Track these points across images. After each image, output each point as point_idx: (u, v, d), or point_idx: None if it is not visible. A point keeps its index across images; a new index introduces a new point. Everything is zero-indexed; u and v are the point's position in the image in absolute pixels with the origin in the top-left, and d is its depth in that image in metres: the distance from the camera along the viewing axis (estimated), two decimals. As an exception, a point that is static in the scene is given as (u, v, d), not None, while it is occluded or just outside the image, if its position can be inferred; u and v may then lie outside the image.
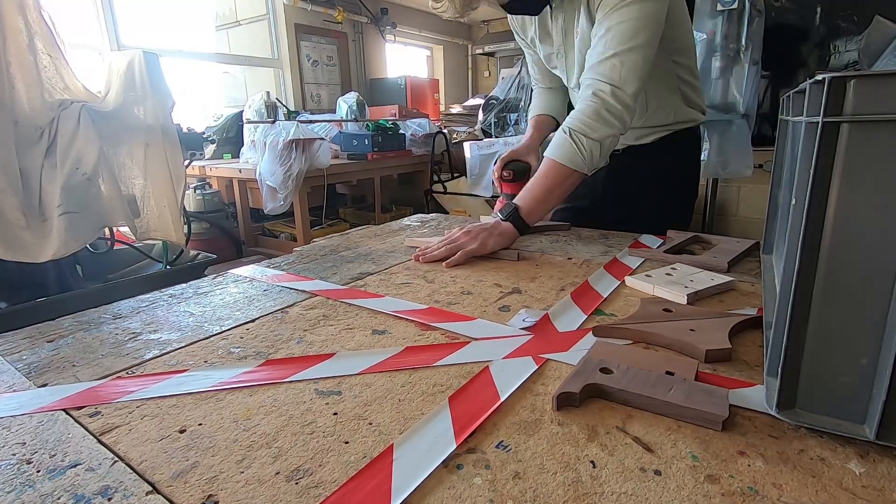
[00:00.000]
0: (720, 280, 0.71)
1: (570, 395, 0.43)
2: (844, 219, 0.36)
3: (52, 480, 0.36)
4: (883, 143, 0.34)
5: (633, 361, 0.49)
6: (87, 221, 1.51)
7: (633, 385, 0.44)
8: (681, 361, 0.50)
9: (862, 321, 0.37)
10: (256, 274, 0.84)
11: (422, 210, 3.34)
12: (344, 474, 0.36)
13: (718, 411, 0.41)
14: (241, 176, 3.21)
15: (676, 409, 0.42)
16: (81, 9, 3.15)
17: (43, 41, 1.42)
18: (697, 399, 0.42)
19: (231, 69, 4.45)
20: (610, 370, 0.46)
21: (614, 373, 0.46)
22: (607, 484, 0.35)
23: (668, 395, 0.43)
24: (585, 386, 0.44)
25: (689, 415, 0.42)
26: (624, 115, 0.90)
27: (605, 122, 0.89)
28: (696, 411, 0.41)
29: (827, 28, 2.53)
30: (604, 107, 0.89)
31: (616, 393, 0.44)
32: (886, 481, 0.35)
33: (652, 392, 0.43)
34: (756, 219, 2.91)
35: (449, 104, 5.72)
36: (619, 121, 0.90)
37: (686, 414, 0.42)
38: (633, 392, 0.44)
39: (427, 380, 0.49)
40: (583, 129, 0.90)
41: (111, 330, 0.63)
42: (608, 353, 0.51)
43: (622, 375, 0.46)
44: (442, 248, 0.88)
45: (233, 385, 0.49)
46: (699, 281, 0.71)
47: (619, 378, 0.45)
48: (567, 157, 0.90)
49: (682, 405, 0.42)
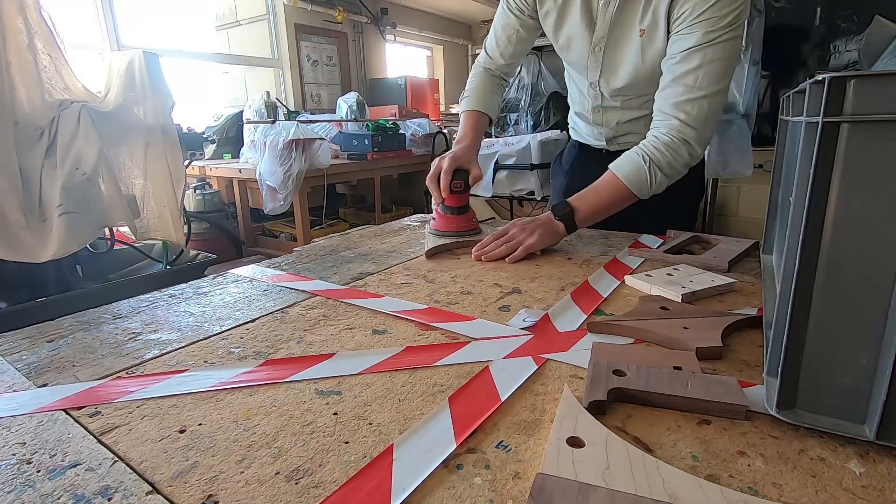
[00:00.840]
0: (721, 281, 0.71)
1: (601, 403, 0.43)
2: (844, 219, 0.36)
3: (52, 480, 0.36)
4: (883, 143, 0.34)
5: (638, 360, 0.49)
6: (87, 221, 1.51)
7: (652, 385, 0.44)
8: (683, 356, 0.50)
9: (862, 321, 0.37)
10: (256, 274, 0.84)
11: (422, 210, 3.34)
12: (344, 474, 0.36)
13: (741, 401, 0.41)
14: (241, 176, 3.21)
15: (700, 404, 0.42)
16: (81, 9, 3.15)
17: (43, 41, 1.42)
18: (717, 392, 0.43)
19: (231, 69, 4.45)
20: (623, 372, 0.46)
21: (627, 374, 0.46)
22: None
23: (688, 391, 0.43)
24: (610, 391, 0.44)
25: (714, 409, 0.42)
26: (693, 163, 0.93)
27: (681, 164, 0.91)
28: (720, 404, 0.42)
29: (827, 28, 2.53)
30: (687, 150, 0.90)
31: (639, 395, 0.44)
32: (886, 481, 0.35)
33: (673, 390, 0.43)
34: (756, 219, 2.91)
35: (449, 104, 5.72)
36: (688, 167, 0.93)
37: (711, 408, 0.42)
38: (656, 392, 0.43)
39: (427, 380, 0.49)
40: (661, 163, 0.90)
41: (111, 330, 0.63)
42: (611, 353, 0.51)
43: (637, 376, 0.45)
44: (501, 247, 0.89)
45: (233, 385, 0.49)
46: (699, 281, 0.71)
47: (636, 379, 0.45)
48: (637, 184, 0.91)
49: (705, 399, 0.42)
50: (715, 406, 0.42)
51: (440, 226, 1.02)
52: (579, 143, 1.32)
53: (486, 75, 1.19)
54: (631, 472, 0.34)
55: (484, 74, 1.19)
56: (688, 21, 0.85)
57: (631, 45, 0.96)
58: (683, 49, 0.86)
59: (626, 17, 0.94)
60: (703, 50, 0.84)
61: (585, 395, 0.44)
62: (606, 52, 1.00)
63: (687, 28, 0.85)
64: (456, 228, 1.01)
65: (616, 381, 0.45)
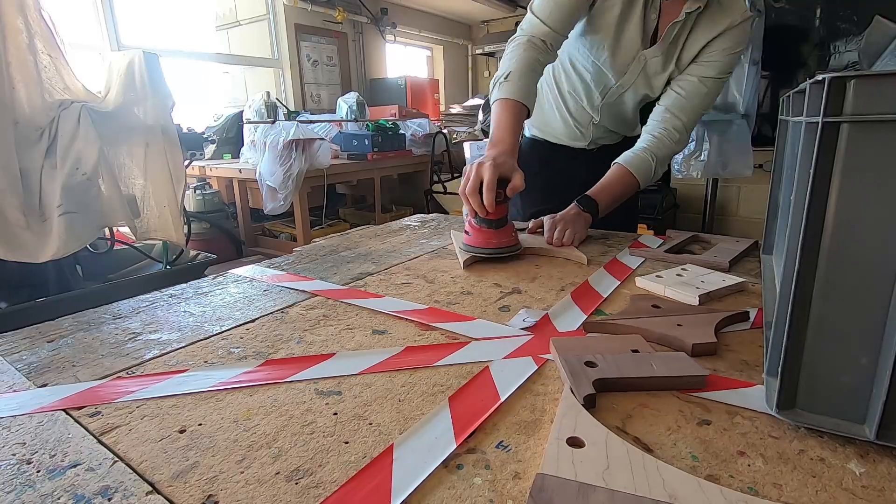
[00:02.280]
0: (731, 281, 0.71)
1: (592, 397, 0.43)
2: (844, 219, 0.36)
3: (52, 480, 0.36)
4: (883, 143, 0.34)
5: (596, 350, 0.51)
6: (87, 221, 1.51)
7: (624, 370, 0.46)
8: (632, 339, 0.53)
9: (862, 321, 0.37)
10: (256, 274, 0.84)
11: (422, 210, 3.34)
12: (344, 474, 0.36)
13: (700, 372, 0.46)
14: (241, 176, 3.22)
15: (669, 380, 0.46)
16: (81, 9, 3.16)
17: (43, 41, 1.42)
18: (678, 367, 0.47)
19: (231, 69, 4.45)
20: (594, 363, 0.48)
21: (599, 364, 0.48)
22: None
23: (656, 371, 0.46)
24: (595, 382, 0.45)
25: (680, 383, 0.46)
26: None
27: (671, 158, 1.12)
28: (684, 378, 0.46)
29: (827, 28, 2.53)
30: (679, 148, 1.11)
31: (619, 382, 0.46)
32: (886, 481, 0.35)
33: (643, 371, 0.46)
34: (756, 219, 2.91)
35: (449, 104, 5.72)
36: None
37: (677, 383, 0.46)
38: (630, 377, 0.46)
39: (427, 380, 0.49)
40: (659, 155, 1.07)
41: (111, 330, 0.63)
42: (570, 347, 0.52)
43: (608, 364, 0.47)
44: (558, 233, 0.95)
45: (233, 385, 0.49)
46: (710, 282, 0.71)
47: (609, 367, 0.47)
48: (644, 177, 1.07)
49: (671, 376, 0.46)
50: (680, 380, 0.46)
51: (476, 241, 0.87)
52: (550, 142, 1.34)
53: (531, 50, 0.99)
54: (631, 471, 0.34)
55: (528, 48, 0.99)
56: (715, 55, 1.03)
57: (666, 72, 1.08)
58: (702, 76, 1.04)
59: (675, 45, 1.05)
60: (715, 81, 1.05)
61: (578, 391, 0.44)
62: (647, 67, 1.08)
63: (707, 59, 1.03)
64: (496, 244, 0.86)
65: (593, 372, 0.46)
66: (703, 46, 1.04)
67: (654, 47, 1.06)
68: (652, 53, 1.06)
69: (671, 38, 1.04)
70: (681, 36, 1.04)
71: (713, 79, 1.05)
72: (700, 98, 1.06)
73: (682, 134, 1.08)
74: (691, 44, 1.05)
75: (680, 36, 1.04)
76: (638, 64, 1.08)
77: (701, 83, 1.05)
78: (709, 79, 1.05)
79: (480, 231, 0.86)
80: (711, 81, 1.05)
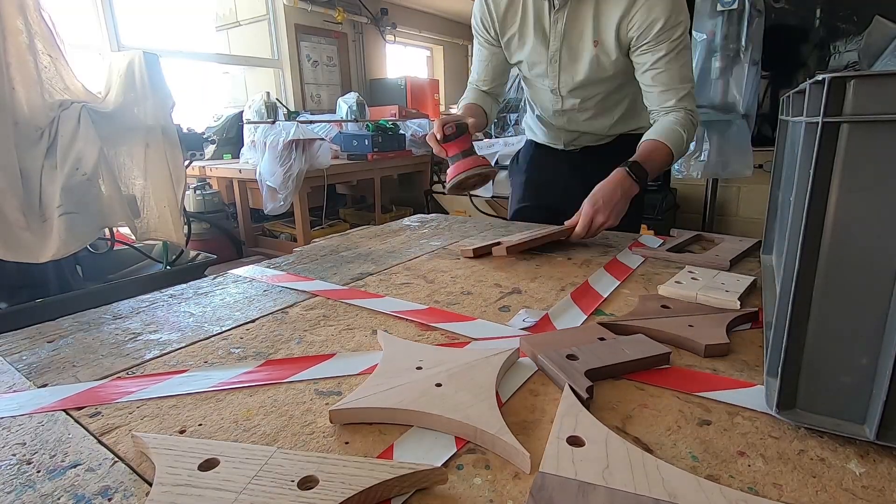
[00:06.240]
0: (746, 281, 0.70)
1: (592, 389, 0.44)
2: (844, 219, 0.36)
3: (52, 481, 0.36)
4: (883, 143, 0.34)
5: (568, 343, 0.52)
6: (87, 222, 1.51)
7: (604, 359, 0.49)
8: (593, 330, 0.56)
9: (862, 321, 0.37)
10: (256, 274, 0.84)
11: (422, 210, 3.34)
12: (344, 474, 0.36)
13: (663, 351, 0.50)
14: (241, 176, 3.21)
15: (641, 362, 0.49)
16: (81, 9, 3.15)
17: (43, 41, 1.42)
18: (645, 349, 0.50)
19: (231, 69, 4.45)
20: (574, 356, 0.49)
21: (579, 357, 0.49)
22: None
23: (630, 356, 0.49)
24: (587, 373, 0.46)
25: (650, 362, 0.49)
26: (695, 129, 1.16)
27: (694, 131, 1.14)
28: (652, 358, 0.49)
29: (827, 28, 2.53)
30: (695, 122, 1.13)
31: (603, 370, 0.48)
32: (886, 481, 0.35)
33: (620, 357, 0.49)
34: (756, 219, 2.91)
35: (449, 104, 5.72)
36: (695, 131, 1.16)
37: (649, 363, 0.49)
38: (616, 363, 0.48)
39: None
40: (690, 132, 1.10)
41: (111, 330, 0.63)
42: (542, 344, 0.53)
43: (587, 355, 0.49)
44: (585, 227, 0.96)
45: (233, 385, 0.49)
46: (729, 284, 0.69)
47: (590, 358, 0.49)
48: (678, 150, 1.09)
49: (643, 358, 0.49)
50: (651, 360, 0.50)
51: (452, 172, 1.01)
52: (535, 143, 1.44)
53: (476, 90, 1.30)
54: (631, 471, 0.34)
55: (475, 90, 1.31)
56: (650, 38, 1.05)
57: (584, 53, 1.12)
58: (658, 59, 1.06)
59: (575, 30, 1.10)
60: (674, 57, 1.07)
61: (576, 387, 0.44)
62: (562, 61, 1.15)
63: (652, 44, 1.05)
64: (465, 168, 0.99)
65: (579, 364, 0.48)
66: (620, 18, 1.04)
67: (551, 46, 1.13)
68: (554, 48, 1.13)
69: (560, 26, 1.09)
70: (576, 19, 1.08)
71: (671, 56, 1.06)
72: (678, 69, 1.08)
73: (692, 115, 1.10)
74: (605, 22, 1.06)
75: (575, 19, 1.08)
76: (553, 66, 1.16)
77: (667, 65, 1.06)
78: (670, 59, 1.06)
79: (454, 166, 1.02)
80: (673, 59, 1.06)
